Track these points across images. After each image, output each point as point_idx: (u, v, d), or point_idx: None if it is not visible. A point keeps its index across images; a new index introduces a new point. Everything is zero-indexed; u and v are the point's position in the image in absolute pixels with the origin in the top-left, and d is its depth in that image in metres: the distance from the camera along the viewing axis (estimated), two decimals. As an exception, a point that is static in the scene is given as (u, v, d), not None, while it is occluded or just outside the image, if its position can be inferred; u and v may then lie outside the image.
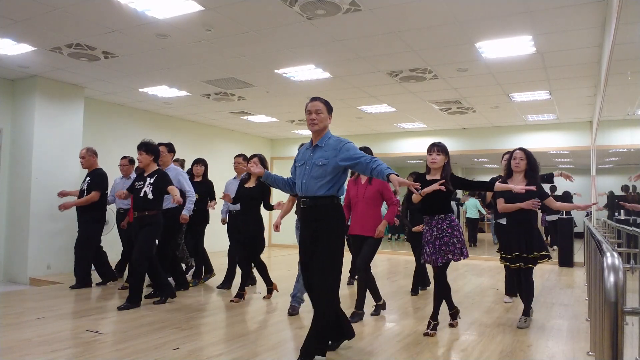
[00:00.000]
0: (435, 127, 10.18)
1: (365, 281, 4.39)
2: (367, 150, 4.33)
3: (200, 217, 6.10)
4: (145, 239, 4.84)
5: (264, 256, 5.45)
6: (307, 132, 11.29)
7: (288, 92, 7.42)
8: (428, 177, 4.00)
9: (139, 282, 4.82)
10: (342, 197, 4.01)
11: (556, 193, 12.80)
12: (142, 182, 4.96)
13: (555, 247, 11.89)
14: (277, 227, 4.45)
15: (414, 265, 5.94)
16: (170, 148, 5.75)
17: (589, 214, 9.79)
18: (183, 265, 6.13)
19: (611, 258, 1.35)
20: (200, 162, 6.26)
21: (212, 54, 5.64)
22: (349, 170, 3.29)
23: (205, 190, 6.13)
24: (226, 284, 5.86)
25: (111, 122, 8.38)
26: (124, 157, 6.22)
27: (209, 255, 6.43)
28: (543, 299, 5.58)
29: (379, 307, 4.68)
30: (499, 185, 3.85)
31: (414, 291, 5.76)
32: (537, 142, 9.45)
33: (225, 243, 5.96)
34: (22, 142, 6.78)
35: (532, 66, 5.87)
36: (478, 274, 7.52)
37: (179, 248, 5.94)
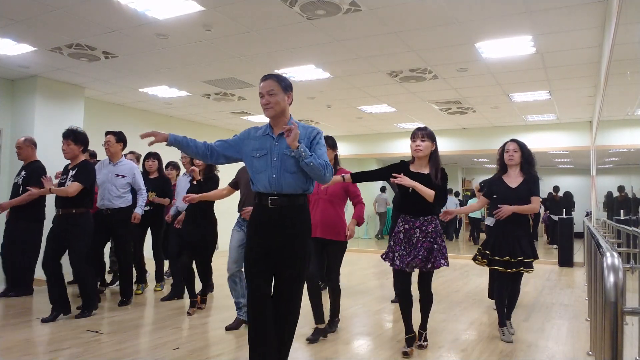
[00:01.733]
0: (435, 127, 10.10)
1: (338, 291, 3.93)
2: (328, 139, 3.75)
3: (156, 218, 5.58)
4: (76, 243, 4.30)
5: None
6: (307, 132, 11.27)
7: (288, 92, 7.42)
8: (412, 168, 3.45)
9: (88, 288, 4.41)
10: None
11: (556, 194, 12.85)
12: (65, 176, 4.41)
13: (555, 246, 11.91)
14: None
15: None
16: (120, 137, 4.98)
17: (588, 214, 9.79)
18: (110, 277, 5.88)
19: (611, 258, 1.36)
20: (152, 156, 5.63)
21: (212, 54, 5.64)
22: None
23: (160, 187, 5.51)
24: (175, 292, 5.23)
25: (111, 122, 8.35)
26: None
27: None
28: (543, 299, 5.58)
29: (322, 332, 3.84)
30: (448, 211, 3.63)
31: None
32: (537, 142, 9.45)
33: None
34: (22, 142, 6.76)
35: (532, 66, 5.87)
36: (478, 273, 7.52)
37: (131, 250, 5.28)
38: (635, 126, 8.58)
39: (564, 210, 10.57)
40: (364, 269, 8.15)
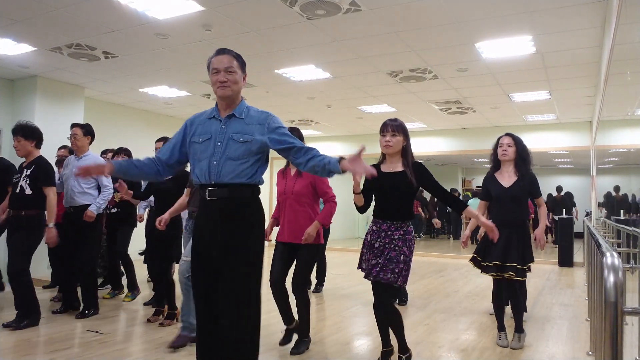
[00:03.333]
0: (435, 127, 10.18)
1: (306, 302, 3.46)
2: (294, 131, 3.27)
3: (123, 220, 5.13)
4: (21, 245, 3.91)
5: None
6: (308, 133, 11.30)
7: (288, 92, 7.42)
8: (384, 168, 3.03)
9: (25, 297, 3.96)
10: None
11: (559, 194, 12.85)
12: (19, 175, 4.09)
13: (555, 246, 11.92)
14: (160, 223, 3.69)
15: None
16: (87, 130, 4.57)
17: (588, 214, 9.79)
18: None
19: (611, 258, 1.36)
20: (122, 152, 5.18)
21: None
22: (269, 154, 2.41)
23: (129, 187, 4.94)
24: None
25: (111, 122, 8.38)
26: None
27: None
28: (543, 299, 5.58)
29: (292, 332, 3.60)
30: (470, 212, 3.05)
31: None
32: (537, 142, 9.45)
33: None
34: (22, 142, 6.75)
35: (532, 66, 5.87)
36: (478, 273, 7.51)
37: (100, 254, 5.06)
38: (635, 126, 8.60)
39: (564, 210, 10.59)
40: (364, 269, 8.13)
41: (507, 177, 3.68)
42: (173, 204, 3.88)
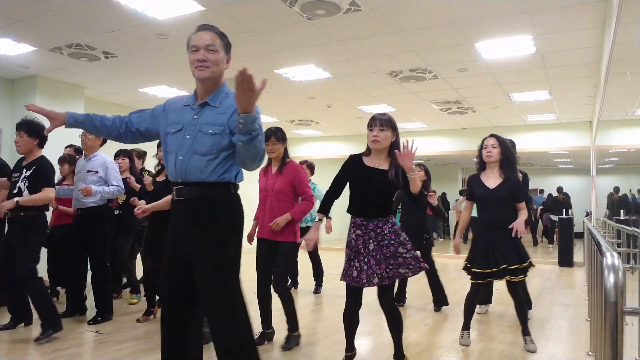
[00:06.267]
0: (435, 127, 10.18)
1: (289, 298, 3.48)
2: (278, 131, 3.46)
3: (124, 224, 4.99)
4: (25, 249, 3.70)
5: None
6: (308, 133, 11.30)
7: (288, 92, 7.42)
8: (367, 162, 2.88)
9: (42, 304, 3.72)
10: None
11: (560, 194, 12.84)
12: (18, 174, 3.88)
13: (550, 246, 11.91)
14: None
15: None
16: None
17: (589, 214, 9.79)
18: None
19: (611, 258, 1.36)
20: (122, 153, 5.07)
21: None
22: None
23: (130, 188, 4.84)
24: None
25: (111, 122, 8.37)
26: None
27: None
28: (543, 299, 5.58)
29: (295, 338, 3.60)
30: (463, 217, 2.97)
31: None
32: (537, 142, 9.45)
33: None
34: (22, 142, 6.75)
35: (532, 66, 5.86)
36: (478, 274, 7.52)
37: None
38: (635, 126, 8.61)
39: (564, 210, 10.60)
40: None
41: (492, 179, 3.60)
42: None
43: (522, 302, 3.66)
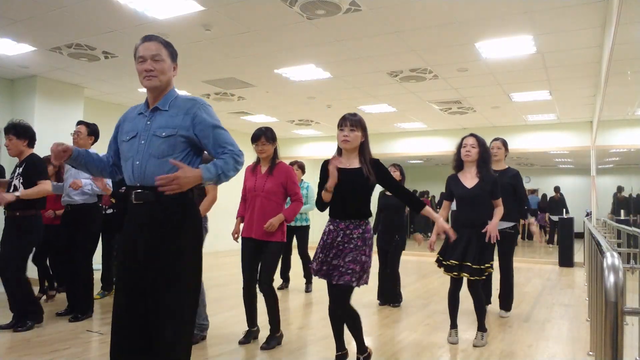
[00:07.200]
0: (435, 127, 10.17)
1: (274, 298, 3.52)
2: (268, 131, 3.54)
3: (118, 224, 5.20)
4: (14, 244, 3.81)
5: None
6: (308, 133, 11.30)
7: (288, 92, 7.42)
8: (340, 165, 2.87)
9: (24, 298, 3.88)
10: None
11: (557, 194, 12.85)
12: (12, 175, 3.99)
13: (551, 246, 11.92)
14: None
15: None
16: (93, 130, 4.48)
17: (589, 214, 9.79)
18: None
19: (611, 258, 1.35)
20: None
21: (211, 54, 5.64)
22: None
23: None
24: None
25: (111, 122, 8.20)
26: None
27: None
28: (543, 299, 5.58)
29: (277, 338, 3.63)
30: (428, 211, 2.95)
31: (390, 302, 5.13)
32: (537, 142, 9.44)
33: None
34: (22, 142, 6.74)
35: (533, 66, 5.86)
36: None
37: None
38: (635, 126, 8.60)
39: (564, 210, 10.60)
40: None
41: (469, 178, 3.68)
42: None
43: (481, 299, 3.74)
